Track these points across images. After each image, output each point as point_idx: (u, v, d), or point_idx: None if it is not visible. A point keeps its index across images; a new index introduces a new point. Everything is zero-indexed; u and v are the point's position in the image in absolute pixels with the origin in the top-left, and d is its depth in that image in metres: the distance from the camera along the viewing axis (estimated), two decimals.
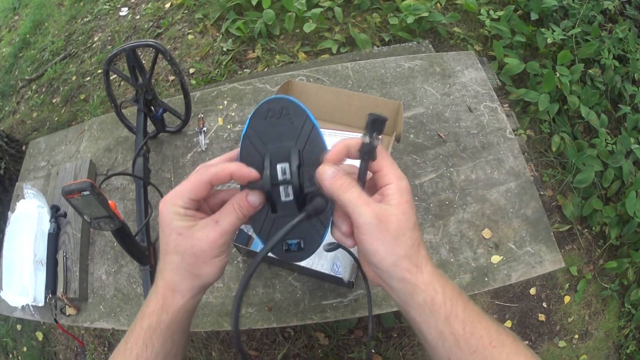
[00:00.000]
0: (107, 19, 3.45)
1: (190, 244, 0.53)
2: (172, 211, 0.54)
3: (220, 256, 0.55)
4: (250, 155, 0.59)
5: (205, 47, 2.91)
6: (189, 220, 0.54)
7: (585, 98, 2.37)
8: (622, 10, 2.81)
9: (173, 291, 0.55)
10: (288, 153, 0.57)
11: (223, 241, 0.54)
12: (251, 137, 0.59)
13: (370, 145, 0.54)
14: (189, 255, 0.54)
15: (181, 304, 0.55)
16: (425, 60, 1.50)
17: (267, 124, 0.59)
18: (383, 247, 0.51)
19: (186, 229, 0.54)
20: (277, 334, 2.01)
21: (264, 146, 0.58)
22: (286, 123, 0.58)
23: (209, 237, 0.53)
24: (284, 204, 0.58)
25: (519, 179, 1.28)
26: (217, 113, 1.47)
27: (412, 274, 0.51)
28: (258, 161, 0.58)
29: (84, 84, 3.10)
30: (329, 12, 2.80)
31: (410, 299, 0.51)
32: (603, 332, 2.18)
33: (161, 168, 1.40)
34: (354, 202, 0.51)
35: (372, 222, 0.50)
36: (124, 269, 1.27)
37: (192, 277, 0.55)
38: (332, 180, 0.53)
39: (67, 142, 1.57)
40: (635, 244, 2.19)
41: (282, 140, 0.58)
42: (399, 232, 0.51)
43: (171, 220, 0.54)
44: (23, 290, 1.26)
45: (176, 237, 0.54)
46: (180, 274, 0.55)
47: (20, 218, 1.37)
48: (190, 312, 0.58)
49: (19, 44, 3.64)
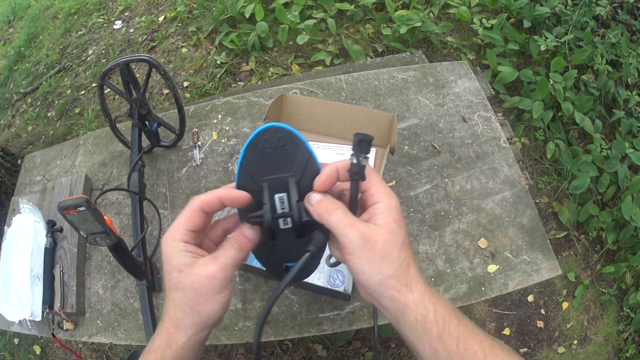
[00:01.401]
0: (101, 32, 3.46)
1: (190, 280, 0.53)
2: (172, 247, 0.55)
3: (221, 292, 0.54)
4: (247, 187, 0.59)
5: (199, 60, 2.92)
6: (190, 257, 0.54)
7: (579, 104, 2.38)
8: (614, 15, 2.84)
9: (176, 327, 0.55)
10: (286, 185, 0.58)
11: (223, 276, 0.53)
12: (247, 168, 0.59)
13: (358, 166, 0.55)
14: (190, 292, 0.53)
15: (184, 340, 0.55)
16: (419, 71, 1.51)
17: (263, 154, 0.58)
18: (369, 266, 0.51)
19: (186, 266, 0.53)
20: (275, 346, 2.00)
21: (260, 177, 0.58)
22: (283, 154, 0.58)
23: (208, 272, 0.53)
24: (283, 232, 0.59)
25: (514, 187, 1.28)
26: (211, 127, 1.47)
27: (401, 293, 0.51)
28: (255, 192, 0.58)
29: (79, 97, 3.10)
30: (322, 23, 2.81)
31: (402, 318, 0.52)
32: (602, 336, 2.18)
33: (156, 182, 1.40)
34: (338, 223, 0.52)
35: (357, 243, 0.51)
36: (121, 284, 1.27)
37: (194, 314, 0.54)
38: (317, 206, 0.55)
39: (62, 156, 1.57)
40: (632, 248, 2.19)
41: (280, 171, 0.58)
42: (386, 251, 0.51)
43: (172, 258, 0.54)
44: (20, 305, 1.25)
45: (177, 275, 0.54)
46: (182, 310, 0.54)
47: (16, 233, 1.36)
48: (195, 348, 0.57)
49: (13, 57, 3.64)
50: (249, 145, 0.58)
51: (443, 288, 1.15)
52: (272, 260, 0.63)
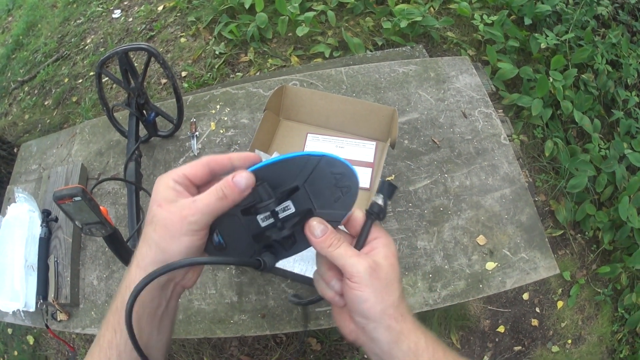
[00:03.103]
0: (99, 21, 3.43)
1: (163, 215, 0.51)
2: (161, 183, 0.53)
3: (189, 236, 0.51)
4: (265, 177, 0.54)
5: (198, 50, 2.90)
6: (173, 194, 0.52)
7: (579, 103, 2.38)
8: (615, 15, 2.83)
9: (137, 266, 0.53)
10: (309, 202, 0.56)
11: (195, 220, 0.51)
12: (275, 171, 0.55)
13: (380, 207, 0.57)
14: (160, 227, 0.51)
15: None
16: (420, 65, 1.50)
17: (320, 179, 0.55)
18: (374, 295, 0.53)
19: (166, 202, 0.52)
20: (269, 339, 2.00)
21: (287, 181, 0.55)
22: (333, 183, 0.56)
23: (182, 212, 0.51)
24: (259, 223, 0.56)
25: (514, 185, 1.27)
26: (209, 117, 1.46)
27: (398, 322, 0.53)
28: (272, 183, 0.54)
29: (76, 86, 3.08)
30: (322, 15, 2.79)
31: (395, 347, 0.54)
32: (596, 336, 2.18)
33: (153, 173, 1.38)
34: (344, 255, 0.54)
35: (365, 272, 0.52)
36: (116, 275, 1.26)
37: (157, 250, 0.52)
38: (323, 238, 0.55)
39: (58, 145, 1.55)
40: (628, 248, 2.19)
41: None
42: (388, 281, 0.54)
43: (157, 192, 0.53)
44: (14, 296, 1.24)
45: (156, 209, 0.52)
46: (148, 245, 0.52)
47: (11, 222, 1.35)
48: (156, 300, 0.55)
49: (11, 46, 3.61)
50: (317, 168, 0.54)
51: (441, 284, 1.15)
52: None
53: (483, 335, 2.12)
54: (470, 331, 2.12)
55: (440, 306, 1.14)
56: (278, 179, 0.54)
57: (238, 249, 0.57)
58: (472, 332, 2.12)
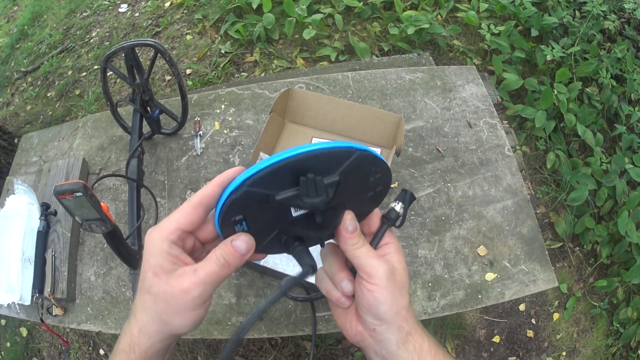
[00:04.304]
0: (106, 15, 3.42)
1: (163, 288, 0.48)
2: (155, 245, 0.49)
3: (194, 310, 0.49)
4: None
5: (203, 48, 2.90)
6: (170, 261, 0.49)
7: (582, 116, 2.38)
8: (622, 30, 2.83)
9: (139, 331, 0.51)
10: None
11: (198, 293, 0.48)
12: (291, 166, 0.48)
13: (397, 214, 0.58)
14: (161, 300, 0.49)
15: (147, 346, 0.51)
16: (427, 73, 1.50)
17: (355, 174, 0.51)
18: (390, 297, 0.53)
19: (163, 271, 0.48)
20: (264, 341, 1.99)
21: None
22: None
23: (183, 285, 0.48)
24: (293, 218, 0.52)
25: (516, 196, 1.27)
26: (214, 117, 1.45)
27: (408, 323, 0.55)
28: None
29: (80, 79, 3.07)
30: (329, 19, 2.79)
31: (402, 347, 0.55)
32: (591, 349, 2.18)
33: (155, 170, 1.38)
34: (366, 255, 0.54)
35: (384, 274, 0.53)
36: (114, 272, 1.25)
37: (160, 322, 0.50)
38: (352, 235, 0.54)
39: (60, 138, 1.54)
40: (625, 263, 2.19)
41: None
42: (402, 284, 0.55)
43: (151, 256, 0.49)
44: (10, 288, 1.23)
45: (151, 277, 0.49)
46: (149, 315, 0.50)
47: (9, 214, 1.34)
48: (160, 354, 0.53)
49: (16, 35, 3.60)
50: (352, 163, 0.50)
51: (440, 293, 1.15)
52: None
53: (478, 345, 2.12)
54: (465, 340, 2.12)
55: (439, 315, 1.14)
56: (319, 168, 0.48)
57: (261, 237, 0.52)
58: (468, 341, 2.12)
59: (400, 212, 0.58)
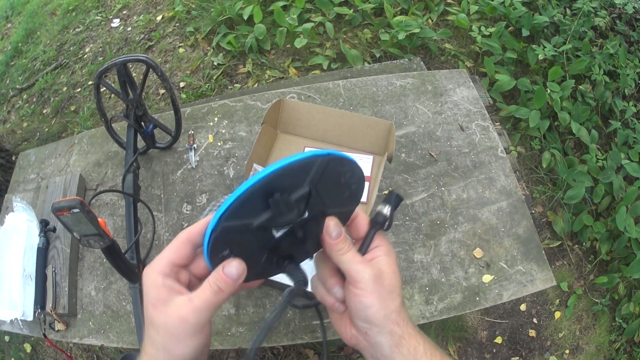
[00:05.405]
0: (98, 30, 3.44)
1: (162, 319, 0.50)
2: (150, 280, 0.52)
3: (195, 336, 0.51)
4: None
5: (196, 61, 2.91)
6: (166, 292, 0.51)
7: (576, 114, 2.39)
8: (613, 25, 2.84)
9: None
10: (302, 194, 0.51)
11: (195, 320, 0.50)
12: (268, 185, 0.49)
13: (385, 217, 0.58)
14: (163, 331, 0.51)
15: None
16: (417, 78, 1.51)
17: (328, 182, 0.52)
18: (378, 301, 0.53)
19: (161, 303, 0.50)
20: (266, 350, 1.99)
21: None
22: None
23: (180, 313, 0.49)
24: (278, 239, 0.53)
25: (511, 197, 1.28)
26: (207, 130, 1.46)
27: (400, 326, 0.54)
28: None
29: (75, 95, 3.09)
30: (320, 27, 2.80)
31: (396, 351, 0.54)
32: (594, 346, 2.18)
33: (151, 184, 1.39)
34: (351, 260, 0.54)
35: (370, 278, 0.53)
36: (114, 286, 1.26)
37: (166, 352, 0.51)
38: (337, 241, 0.55)
39: (57, 155, 1.55)
40: (625, 258, 2.19)
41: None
42: (392, 288, 0.55)
43: (148, 290, 0.52)
44: (12, 305, 1.24)
45: (152, 310, 0.51)
46: (155, 347, 0.52)
47: (9, 231, 1.35)
48: None
49: (10, 52, 3.62)
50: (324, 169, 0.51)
51: (437, 297, 1.15)
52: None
53: (480, 346, 2.12)
54: (467, 342, 2.12)
55: (437, 319, 1.14)
56: (286, 184, 0.49)
57: (253, 263, 0.53)
58: (470, 343, 2.12)
59: (388, 215, 0.58)
